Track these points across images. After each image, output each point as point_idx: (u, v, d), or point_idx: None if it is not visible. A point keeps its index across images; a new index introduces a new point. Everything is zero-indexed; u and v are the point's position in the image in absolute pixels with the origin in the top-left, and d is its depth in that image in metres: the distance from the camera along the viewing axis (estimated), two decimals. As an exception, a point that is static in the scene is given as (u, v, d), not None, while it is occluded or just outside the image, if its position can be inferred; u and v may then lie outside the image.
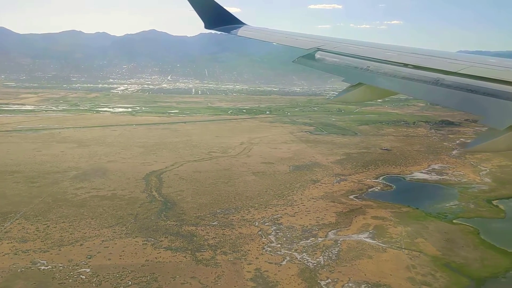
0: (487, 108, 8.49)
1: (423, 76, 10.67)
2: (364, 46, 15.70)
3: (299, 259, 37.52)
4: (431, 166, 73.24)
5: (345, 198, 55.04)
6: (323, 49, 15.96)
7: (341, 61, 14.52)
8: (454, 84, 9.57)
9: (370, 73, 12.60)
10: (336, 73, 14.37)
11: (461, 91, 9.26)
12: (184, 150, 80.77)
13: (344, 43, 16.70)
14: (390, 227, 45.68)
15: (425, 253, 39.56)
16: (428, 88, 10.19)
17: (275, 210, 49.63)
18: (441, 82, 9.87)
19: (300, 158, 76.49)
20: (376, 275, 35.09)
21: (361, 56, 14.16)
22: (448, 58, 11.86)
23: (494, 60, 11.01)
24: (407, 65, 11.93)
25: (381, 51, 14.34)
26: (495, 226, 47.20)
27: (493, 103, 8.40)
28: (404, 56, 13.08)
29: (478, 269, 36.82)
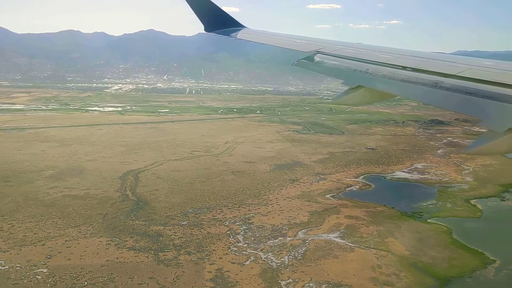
0: (486, 111, 8.51)
1: (422, 79, 10.68)
2: (363, 49, 15.80)
3: (263, 259, 36.92)
4: (414, 165, 72.70)
5: (322, 197, 54.44)
6: (322, 52, 16.02)
7: (340, 64, 14.56)
8: (453, 87, 9.59)
9: (369, 76, 12.59)
10: (336, 76, 14.39)
11: (460, 93, 9.26)
12: (167, 149, 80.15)
13: (343, 45, 16.70)
14: (362, 226, 45.08)
15: (393, 252, 38.96)
16: (427, 91, 10.21)
17: (248, 210, 49.03)
18: (440, 85, 9.89)
19: (282, 157, 75.92)
20: (339, 275, 34.50)
21: (360, 59, 14.18)
22: (446, 61, 11.89)
23: (493, 63, 10.99)
24: (406, 67, 11.90)
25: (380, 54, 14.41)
26: (469, 225, 46.63)
27: (492, 105, 8.40)
28: (403, 58, 13.09)
29: (445, 269, 36.23)
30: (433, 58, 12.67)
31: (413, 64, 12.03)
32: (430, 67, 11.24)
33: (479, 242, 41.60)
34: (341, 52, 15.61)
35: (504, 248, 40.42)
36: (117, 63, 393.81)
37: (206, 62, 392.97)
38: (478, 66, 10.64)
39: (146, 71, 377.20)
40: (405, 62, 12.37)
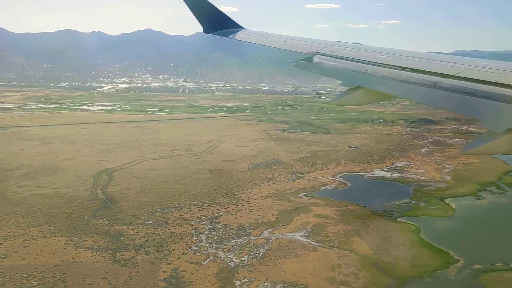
0: (484, 111, 8.56)
1: (421, 79, 10.68)
2: (362, 50, 15.85)
3: (222, 259, 36.37)
4: (394, 163, 72.12)
5: (294, 196, 53.88)
6: (321, 53, 16.03)
7: (339, 65, 14.54)
8: (452, 87, 9.62)
9: (368, 77, 12.54)
10: (335, 77, 14.36)
11: (459, 94, 9.28)
12: (147, 148, 79.56)
13: (342, 46, 16.63)
14: (329, 225, 44.52)
15: (356, 252, 38.41)
16: (426, 91, 10.21)
17: (218, 209, 48.47)
18: (439, 85, 9.90)
19: (263, 156, 75.34)
20: (296, 275, 33.94)
21: (359, 60, 14.16)
22: (445, 61, 11.83)
23: (491, 63, 10.91)
24: (405, 68, 11.84)
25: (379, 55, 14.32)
26: (439, 224, 46.07)
27: (491, 106, 8.44)
28: (401, 59, 13.03)
29: (406, 269, 35.66)
30: (432, 58, 12.61)
31: (412, 64, 11.95)
32: (429, 68, 11.24)
33: (446, 242, 41.05)
34: (340, 53, 15.59)
35: (470, 248, 39.87)
36: (113, 62, 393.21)
37: (203, 62, 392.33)
38: (476, 67, 10.58)
39: (142, 70, 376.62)
40: (404, 63, 12.29)
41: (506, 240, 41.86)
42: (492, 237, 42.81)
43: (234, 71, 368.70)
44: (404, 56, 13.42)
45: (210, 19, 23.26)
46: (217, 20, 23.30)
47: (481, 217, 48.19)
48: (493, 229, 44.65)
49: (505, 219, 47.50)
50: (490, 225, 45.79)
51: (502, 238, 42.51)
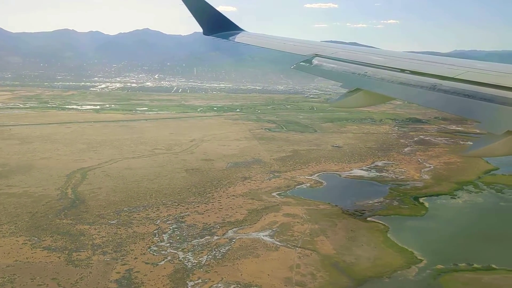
0: (484, 113, 8.50)
1: (420, 82, 10.65)
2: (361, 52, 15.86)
3: (180, 259, 35.76)
4: (374, 163, 71.50)
5: (267, 195, 53.27)
6: (321, 55, 16.00)
7: (339, 67, 14.53)
8: (451, 90, 9.57)
9: (367, 79, 12.50)
10: (334, 79, 14.31)
11: (458, 96, 9.24)
12: (128, 147, 78.95)
13: (342, 48, 16.60)
14: (297, 225, 43.90)
15: (318, 252, 37.81)
16: (425, 94, 10.17)
17: (186, 208, 47.87)
18: (438, 88, 9.86)
19: (244, 155, 74.73)
20: (252, 275, 33.33)
21: (358, 62, 14.10)
22: (444, 63, 11.73)
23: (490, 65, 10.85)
24: (404, 70, 11.77)
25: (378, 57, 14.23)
26: (409, 224, 45.44)
27: (490, 108, 8.37)
28: (401, 61, 12.95)
29: (366, 269, 35.04)
30: (431, 60, 12.53)
31: (411, 66, 11.87)
32: (428, 70, 11.14)
33: (412, 241, 40.44)
34: (339, 55, 15.54)
35: (435, 247, 39.27)
36: (110, 62, 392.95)
37: (199, 62, 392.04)
38: (475, 69, 10.54)
39: (138, 70, 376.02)
40: (403, 65, 12.21)
41: (474, 239, 41.26)
42: (460, 236, 42.19)
43: (230, 71, 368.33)
44: (403, 58, 13.41)
45: (210, 21, 23.24)
46: (217, 22, 23.26)
47: (453, 217, 47.57)
48: (462, 228, 44.02)
49: (477, 218, 46.88)
50: (461, 224, 45.15)
51: (470, 237, 41.93)
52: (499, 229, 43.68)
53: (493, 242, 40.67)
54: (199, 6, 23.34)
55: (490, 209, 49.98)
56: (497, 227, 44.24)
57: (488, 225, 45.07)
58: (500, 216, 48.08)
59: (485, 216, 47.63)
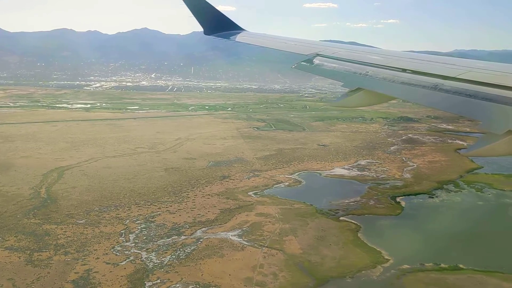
0: (485, 113, 8.47)
1: (422, 81, 10.62)
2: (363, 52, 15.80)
3: (142, 259, 35.24)
4: (358, 161, 70.93)
5: (243, 194, 52.73)
6: (322, 55, 15.92)
7: (340, 67, 14.44)
8: (453, 89, 9.56)
9: (368, 79, 12.45)
10: (335, 78, 14.21)
11: (460, 96, 9.23)
12: (111, 145, 78.45)
13: (343, 48, 16.45)
14: (268, 224, 43.37)
15: (284, 251, 37.28)
16: (427, 93, 10.13)
17: (159, 207, 47.34)
18: (439, 87, 9.83)
19: (227, 154, 74.20)
20: (213, 276, 32.82)
21: (359, 61, 14.07)
22: (446, 63, 11.69)
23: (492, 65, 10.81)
24: (406, 70, 11.72)
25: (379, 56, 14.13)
26: (382, 223, 44.88)
27: (492, 107, 8.34)
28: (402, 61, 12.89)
29: (330, 269, 34.50)
30: (433, 60, 12.44)
31: (412, 66, 11.82)
32: (430, 70, 11.08)
33: (382, 241, 39.90)
34: (340, 54, 15.44)
35: (405, 247, 38.74)
36: (107, 61, 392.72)
37: (197, 61, 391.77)
38: (477, 68, 10.48)
39: (135, 69, 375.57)
40: (404, 65, 12.15)
41: (445, 239, 40.70)
42: (432, 236, 41.60)
43: (227, 70, 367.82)
44: (404, 58, 13.28)
45: (210, 21, 23.11)
46: (217, 22, 23.13)
47: (428, 216, 47.01)
48: (435, 228, 43.40)
49: (451, 218, 46.29)
50: (434, 224, 44.56)
51: (441, 237, 41.34)
52: (471, 229, 43.13)
53: (463, 242, 40.17)
54: (200, 6, 23.26)
55: (467, 208, 49.40)
56: (470, 227, 43.69)
57: (461, 224, 44.48)
58: (475, 215, 47.52)
59: (459, 216, 47.03)
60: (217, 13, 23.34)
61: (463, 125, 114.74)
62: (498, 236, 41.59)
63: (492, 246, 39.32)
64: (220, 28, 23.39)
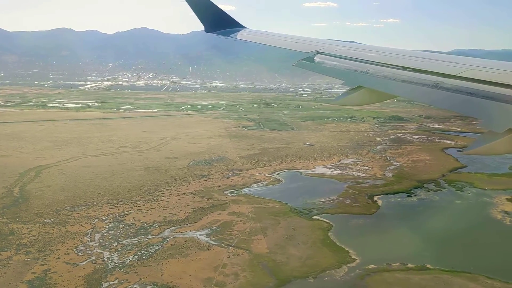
0: (486, 111, 8.47)
1: (422, 79, 10.60)
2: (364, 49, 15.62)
3: (104, 259, 34.68)
4: (341, 160, 70.33)
5: (220, 193, 52.16)
6: (322, 53, 15.85)
7: (341, 64, 14.43)
8: (454, 87, 9.54)
9: (369, 77, 12.41)
10: (336, 76, 14.25)
11: (460, 94, 9.21)
12: (95, 144, 77.97)
13: (344, 46, 16.39)
14: (239, 223, 42.81)
15: (250, 251, 36.71)
16: (427, 92, 10.10)
17: (130, 207, 46.81)
18: (440, 85, 9.81)
19: (210, 153, 73.66)
20: (173, 276, 32.25)
21: (360, 59, 14.00)
22: (447, 61, 11.70)
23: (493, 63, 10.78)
24: (407, 68, 11.72)
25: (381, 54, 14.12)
26: (355, 222, 44.25)
27: (492, 106, 8.33)
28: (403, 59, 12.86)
29: (293, 269, 33.92)
30: (434, 58, 12.46)
31: (413, 64, 11.83)
32: (431, 68, 11.07)
33: (352, 240, 39.31)
34: (341, 52, 15.41)
35: (374, 247, 38.17)
36: (106, 61, 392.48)
37: (195, 60, 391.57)
38: (478, 67, 10.48)
39: (133, 69, 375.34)
40: (405, 63, 12.15)
41: (416, 238, 40.17)
42: (404, 235, 41.03)
43: (225, 70, 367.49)
44: (405, 56, 13.24)
45: (211, 18, 23.07)
46: (218, 20, 23.09)
47: (403, 215, 46.41)
48: (408, 227, 42.82)
49: (426, 217, 45.65)
50: (407, 223, 43.95)
51: (413, 236, 40.79)
52: (444, 228, 42.49)
53: (434, 242, 39.57)
54: (201, 4, 23.17)
55: (443, 207, 48.75)
56: (443, 226, 43.04)
57: (434, 224, 43.84)
58: (451, 214, 46.85)
59: (435, 215, 46.37)
60: (218, 10, 23.32)
61: (453, 125, 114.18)
62: (470, 235, 41.01)
63: (463, 246, 38.75)
64: (221, 26, 23.39)
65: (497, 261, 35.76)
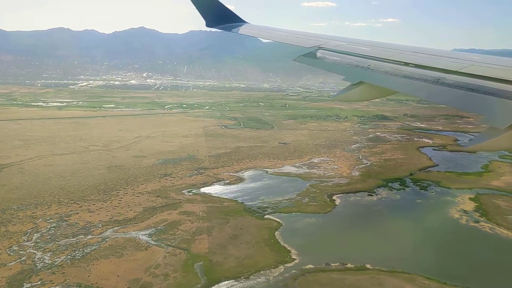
0: (488, 107, 8.44)
1: (424, 75, 10.54)
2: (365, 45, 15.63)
3: (34, 260, 33.75)
4: (312, 159, 69.33)
5: (177, 192, 51.19)
6: (324, 48, 15.72)
7: (342, 60, 14.31)
8: (455, 83, 9.48)
9: (370, 72, 12.37)
10: (337, 72, 14.03)
11: (462, 90, 9.14)
12: (65, 143, 77.06)
13: (345, 41, 16.37)
14: (186, 223, 41.83)
15: (189, 251, 35.74)
16: (429, 87, 10.05)
17: (80, 206, 45.84)
18: (442, 81, 9.78)
19: (180, 152, 72.70)
20: (100, 277, 31.25)
21: (362, 55, 13.95)
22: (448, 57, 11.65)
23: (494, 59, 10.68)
24: (408, 64, 11.69)
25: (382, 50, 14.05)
26: (306, 221, 43.20)
27: (494, 102, 8.29)
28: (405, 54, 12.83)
29: (228, 269, 32.95)
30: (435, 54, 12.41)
31: (415, 60, 11.78)
32: (432, 63, 10.99)
33: (298, 240, 38.33)
34: (343, 48, 15.34)
35: (317, 246, 37.19)
36: (102, 60, 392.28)
37: (192, 60, 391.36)
38: (480, 63, 10.42)
39: (129, 68, 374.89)
40: (407, 58, 12.13)
41: (364, 238, 39.11)
42: (351, 235, 39.99)
43: (220, 69, 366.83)
44: (407, 51, 13.18)
45: (213, 13, 22.90)
46: (220, 15, 22.93)
47: (357, 215, 45.40)
48: (358, 227, 41.82)
49: (380, 217, 44.64)
50: (359, 223, 42.96)
51: (361, 236, 39.71)
52: (395, 228, 41.49)
53: (381, 242, 38.55)
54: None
55: (401, 207, 47.77)
56: (394, 226, 42.07)
57: (386, 224, 42.88)
58: (407, 214, 45.79)
59: (389, 215, 45.37)
60: (220, 5, 23.00)
61: (437, 124, 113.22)
62: (420, 235, 39.95)
63: (409, 246, 37.68)
64: (222, 21, 23.12)
65: (441, 261, 34.72)
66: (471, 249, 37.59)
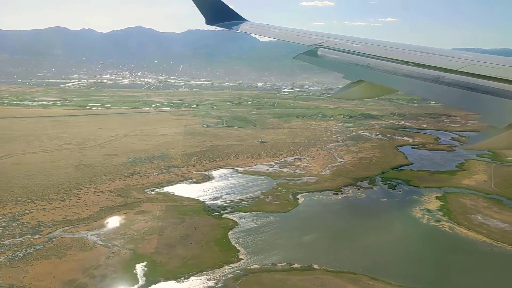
0: (487, 106, 8.50)
1: (423, 74, 10.59)
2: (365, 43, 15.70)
3: (-28, 260, 32.74)
4: (286, 158, 68.49)
5: (139, 191, 50.38)
6: (324, 46, 15.66)
7: (342, 58, 14.28)
8: (454, 82, 9.52)
9: (370, 70, 12.39)
10: (337, 70, 13.96)
11: (461, 89, 9.20)
12: (40, 142, 76.28)
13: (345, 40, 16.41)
14: (140, 222, 41.01)
15: (135, 251, 34.94)
16: (428, 86, 10.13)
17: (36, 205, 45.05)
18: (441, 80, 9.83)
19: (155, 150, 71.88)
20: (35, 278, 30.51)
21: (361, 53, 13.96)
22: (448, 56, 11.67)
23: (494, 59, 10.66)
24: (408, 62, 11.73)
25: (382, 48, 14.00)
26: (264, 221, 42.46)
27: (493, 101, 8.35)
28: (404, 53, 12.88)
29: (170, 269, 32.19)
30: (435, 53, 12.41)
31: (414, 58, 11.83)
32: (432, 62, 11.04)
33: (249, 240, 37.59)
34: (343, 46, 15.32)
35: (268, 246, 36.46)
36: (98, 59, 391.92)
37: (187, 59, 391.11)
38: (479, 62, 10.42)
39: (124, 67, 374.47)
40: (406, 57, 12.18)
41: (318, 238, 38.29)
42: (305, 235, 39.08)
43: (215, 68, 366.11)
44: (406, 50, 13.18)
45: (213, 10, 22.88)
46: (220, 12, 22.88)
47: (317, 214, 44.56)
48: (314, 226, 40.92)
49: (339, 216, 43.82)
50: (316, 222, 42.08)
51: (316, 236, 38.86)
52: (351, 228, 40.60)
53: (334, 241, 37.71)
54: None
55: (364, 206, 46.95)
56: (352, 226, 41.21)
57: (344, 223, 42.01)
58: (368, 213, 44.96)
59: (350, 214, 44.51)
60: (220, 3, 22.95)
61: (422, 123, 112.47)
62: (376, 235, 39.09)
63: (363, 245, 36.83)
64: (222, 18, 22.96)
65: (391, 261, 33.91)
66: (425, 249, 36.76)
